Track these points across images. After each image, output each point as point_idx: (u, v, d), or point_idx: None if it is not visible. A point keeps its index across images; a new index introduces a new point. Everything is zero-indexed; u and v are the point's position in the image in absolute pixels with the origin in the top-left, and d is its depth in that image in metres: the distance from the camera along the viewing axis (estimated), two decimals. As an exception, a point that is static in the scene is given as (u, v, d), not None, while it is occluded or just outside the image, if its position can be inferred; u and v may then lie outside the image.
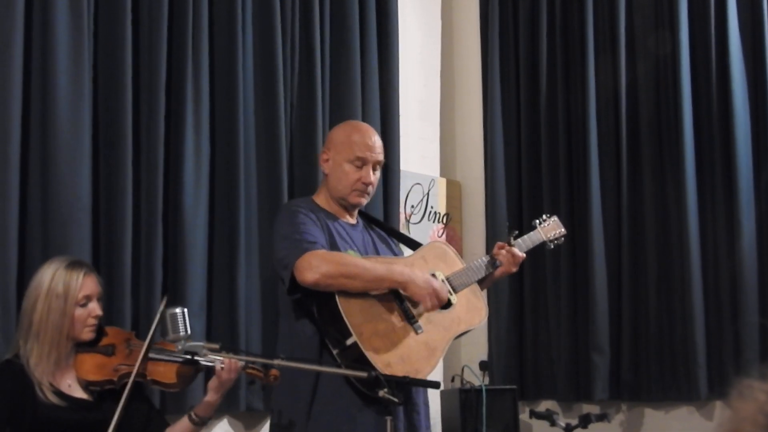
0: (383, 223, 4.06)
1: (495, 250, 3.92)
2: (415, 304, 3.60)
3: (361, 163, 3.65)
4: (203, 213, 4.37)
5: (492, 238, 5.76)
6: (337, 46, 5.09)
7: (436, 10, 6.09)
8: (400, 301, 3.59)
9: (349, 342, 3.42)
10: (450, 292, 3.70)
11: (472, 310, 3.81)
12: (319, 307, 3.50)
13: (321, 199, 3.75)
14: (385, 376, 3.08)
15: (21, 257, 3.73)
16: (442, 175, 5.94)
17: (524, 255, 3.94)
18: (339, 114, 5.02)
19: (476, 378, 5.46)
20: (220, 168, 4.50)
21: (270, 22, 4.70)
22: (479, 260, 3.89)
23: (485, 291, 4.04)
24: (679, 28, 5.39)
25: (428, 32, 6.00)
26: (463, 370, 5.49)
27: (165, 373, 3.30)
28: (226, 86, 4.53)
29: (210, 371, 3.38)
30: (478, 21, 6.08)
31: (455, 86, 6.17)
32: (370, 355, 3.39)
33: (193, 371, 3.36)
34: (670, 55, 5.46)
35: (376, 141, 3.71)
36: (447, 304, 3.69)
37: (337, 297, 3.44)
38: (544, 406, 5.61)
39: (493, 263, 3.89)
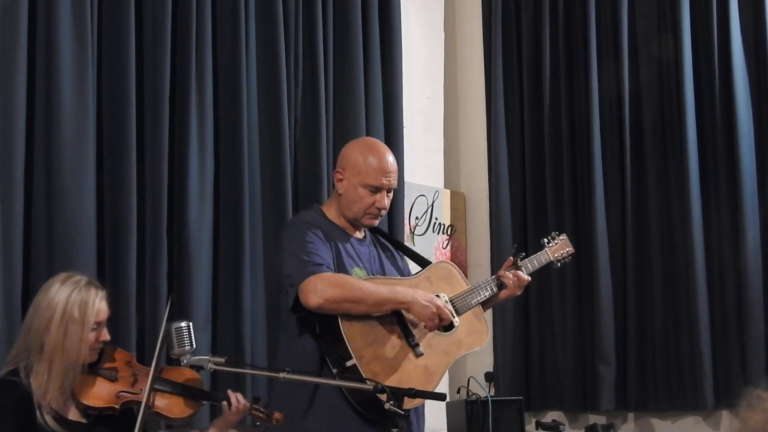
0: (392, 238, 4.04)
1: (501, 271, 3.90)
2: (417, 327, 3.59)
3: (376, 189, 3.64)
4: (208, 226, 4.38)
5: (496, 249, 5.77)
6: (341, 58, 5.10)
7: (440, 22, 6.10)
8: (401, 323, 3.58)
9: (348, 364, 3.42)
10: (452, 314, 3.66)
11: (473, 333, 3.78)
12: (322, 326, 3.50)
13: (331, 212, 3.72)
14: (391, 388, 3.06)
15: (26, 271, 3.73)
16: (446, 186, 5.94)
17: (529, 278, 3.92)
18: (343, 127, 5.03)
19: (482, 389, 5.45)
20: (224, 181, 4.50)
21: (273, 35, 4.72)
22: (484, 282, 3.87)
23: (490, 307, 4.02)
24: (682, 32, 5.39)
25: (432, 44, 6.01)
26: (468, 381, 5.48)
27: (170, 406, 3.25)
28: (230, 100, 4.54)
29: (214, 405, 3.38)
30: (481, 32, 6.09)
31: (459, 97, 6.17)
32: (363, 369, 3.39)
33: (198, 405, 3.33)
34: (672, 59, 5.46)
35: (392, 165, 3.67)
36: (449, 327, 3.68)
37: (339, 320, 3.44)
38: (550, 417, 5.61)
39: (498, 285, 3.87)
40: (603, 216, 5.52)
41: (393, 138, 5.25)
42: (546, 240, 4.12)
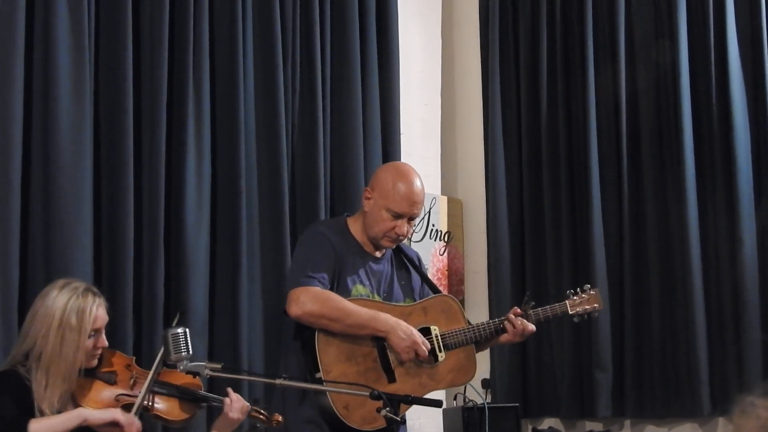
0: (412, 259, 4.08)
1: (509, 315, 3.91)
2: (397, 355, 3.67)
3: (399, 216, 3.74)
4: (205, 233, 4.38)
5: (494, 256, 5.76)
6: (338, 66, 5.10)
7: (437, 29, 6.11)
8: (381, 349, 3.67)
9: (317, 376, 3.55)
10: (440, 348, 3.75)
11: (456, 370, 3.84)
12: (305, 335, 3.64)
13: (356, 227, 3.84)
14: (388, 394, 3.10)
15: (23, 278, 3.73)
16: (443, 193, 5.94)
17: (534, 329, 3.92)
18: (340, 134, 5.03)
19: (479, 396, 5.44)
20: (221, 188, 4.50)
21: (271, 43, 4.72)
22: (483, 323, 3.91)
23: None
24: (679, 36, 5.41)
25: (429, 51, 6.02)
26: (465, 387, 5.45)
27: (168, 408, 3.27)
28: (227, 106, 4.54)
29: (213, 409, 3.37)
30: (478, 40, 6.09)
31: (456, 104, 6.18)
32: (331, 394, 3.51)
33: (196, 408, 3.34)
34: (669, 64, 5.47)
35: (419, 195, 3.78)
36: (433, 359, 3.75)
37: (316, 333, 3.57)
38: (547, 423, 5.60)
39: (498, 330, 3.89)
40: (600, 222, 5.52)
41: (390, 145, 5.26)
42: (571, 291, 4.12)
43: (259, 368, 4.49)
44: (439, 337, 3.77)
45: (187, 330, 3.12)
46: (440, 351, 3.75)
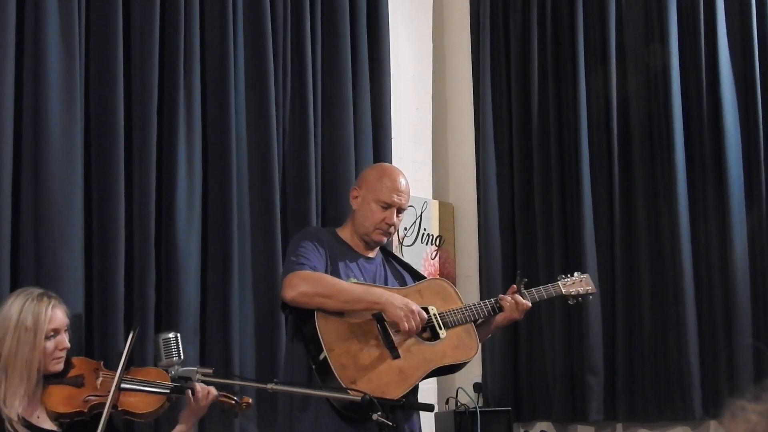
0: (401, 260, 4.13)
1: (503, 295, 3.94)
2: (398, 332, 3.67)
3: (387, 206, 3.82)
4: (196, 238, 4.37)
5: (485, 260, 5.77)
6: (329, 70, 5.10)
7: (428, 33, 6.11)
8: (382, 327, 3.67)
9: (320, 357, 3.56)
10: (439, 326, 3.77)
11: (460, 346, 3.84)
12: (304, 324, 3.65)
13: (345, 232, 3.91)
14: (380, 399, 3.10)
15: (14, 282, 3.72)
16: (434, 197, 5.95)
17: (529, 304, 3.95)
18: (331, 138, 5.03)
19: (471, 400, 5.45)
20: (212, 193, 4.50)
21: (262, 47, 4.72)
22: (480, 303, 3.93)
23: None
24: (669, 40, 5.42)
25: (420, 55, 6.03)
26: (457, 392, 5.48)
27: (136, 403, 3.30)
28: (218, 111, 4.54)
29: (182, 400, 3.38)
30: (469, 44, 6.11)
31: (447, 108, 6.19)
32: (337, 370, 3.52)
33: (165, 400, 3.35)
34: (660, 68, 5.48)
35: (404, 186, 3.88)
36: (434, 338, 3.76)
37: (315, 314, 3.60)
38: (539, 427, 5.61)
39: (495, 308, 3.91)
40: (591, 225, 5.53)
41: (381, 149, 5.26)
42: (562, 276, 4.15)
43: (251, 373, 4.49)
44: (438, 316, 3.79)
45: (179, 335, 3.12)
46: (440, 329, 3.77)
